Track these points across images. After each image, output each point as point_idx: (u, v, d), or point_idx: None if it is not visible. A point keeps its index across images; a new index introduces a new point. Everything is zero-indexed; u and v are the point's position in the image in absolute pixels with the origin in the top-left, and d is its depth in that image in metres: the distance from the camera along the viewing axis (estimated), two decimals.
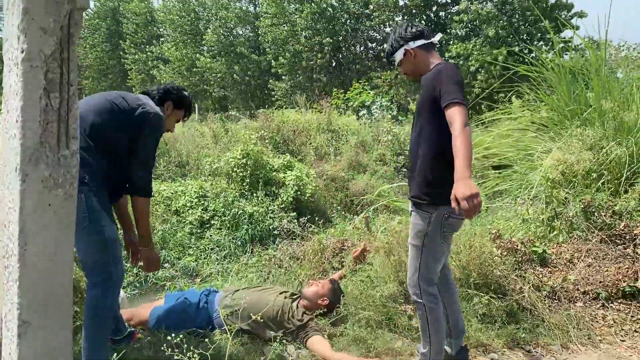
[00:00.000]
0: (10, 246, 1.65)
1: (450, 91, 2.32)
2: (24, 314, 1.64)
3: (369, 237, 4.32)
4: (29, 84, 1.48)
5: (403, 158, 9.11)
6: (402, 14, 20.82)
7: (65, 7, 1.50)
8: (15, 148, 1.55)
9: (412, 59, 2.65)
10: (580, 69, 6.03)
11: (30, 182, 1.56)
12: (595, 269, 3.73)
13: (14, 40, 1.51)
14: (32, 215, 1.58)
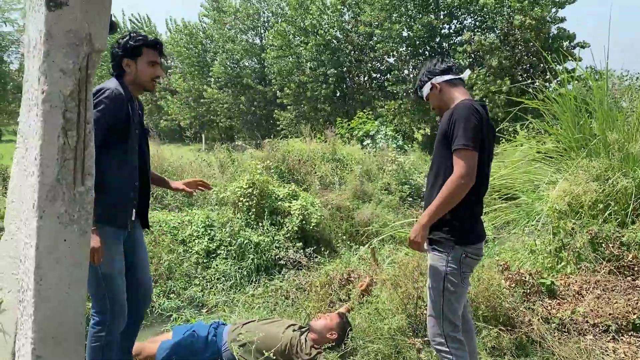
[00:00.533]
0: (26, 281, 1.68)
1: (459, 135, 2.34)
2: (37, 349, 1.65)
3: (376, 269, 4.32)
4: (48, 123, 1.53)
5: (408, 187, 9.13)
6: (406, 45, 21.09)
7: (84, 49, 1.57)
8: (33, 185, 1.60)
9: (437, 93, 2.65)
10: (583, 99, 6.10)
11: (47, 218, 1.59)
12: (604, 300, 3.71)
13: (35, 81, 1.56)
14: (48, 251, 1.61)
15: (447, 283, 2.46)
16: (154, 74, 2.59)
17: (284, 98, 24.16)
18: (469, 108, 2.42)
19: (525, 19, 16.55)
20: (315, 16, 22.49)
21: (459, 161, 2.32)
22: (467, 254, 2.46)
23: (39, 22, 1.52)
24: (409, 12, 20.43)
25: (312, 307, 3.85)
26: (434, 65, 2.70)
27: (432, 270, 2.54)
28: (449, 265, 2.46)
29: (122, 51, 2.53)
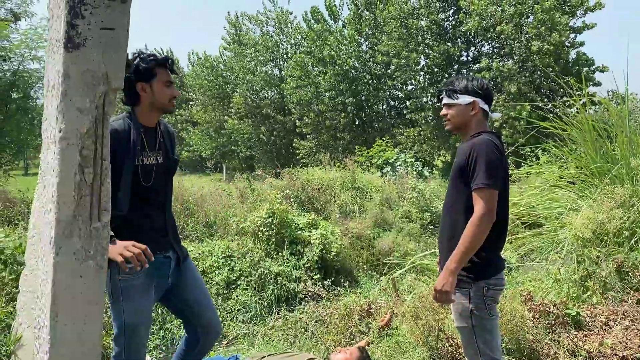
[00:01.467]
0: (42, 317, 1.69)
1: (480, 173, 2.27)
2: None
3: (397, 300, 4.26)
4: (65, 161, 1.57)
5: (429, 215, 9.04)
6: (424, 73, 21.22)
7: (101, 88, 1.61)
8: (50, 222, 1.62)
9: (469, 113, 2.50)
10: (604, 124, 6.01)
11: (63, 254, 1.61)
12: (633, 332, 3.58)
13: (53, 120, 1.61)
14: (64, 287, 1.62)
15: (475, 319, 2.39)
16: (172, 94, 2.46)
17: (304, 127, 24.41)
18: (489, 144, 2.35)
19: (543, 45, 16.54)
20: (333, 47, 22.83)
21: (479, 201, 2.26)
22: (489, 287, 2.39)
23: (57, 63, 1.57)
24: (425, 41, 20.60)
25: (332, 340, 3.79)
26: (486, 88, 2.54)
27: (456, 309, 2.45)
28: (473, 300, 2.38)
29: (134, 75, 2.36)
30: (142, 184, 2.39)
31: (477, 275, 2.37)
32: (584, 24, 17.95)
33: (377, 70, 23.19)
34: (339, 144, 23.30)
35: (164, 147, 2.54)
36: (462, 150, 2.42)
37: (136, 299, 2.31)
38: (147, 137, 2.46)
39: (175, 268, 2.56)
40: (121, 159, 2.29)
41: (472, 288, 2.38)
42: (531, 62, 17.49)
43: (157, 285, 2.46)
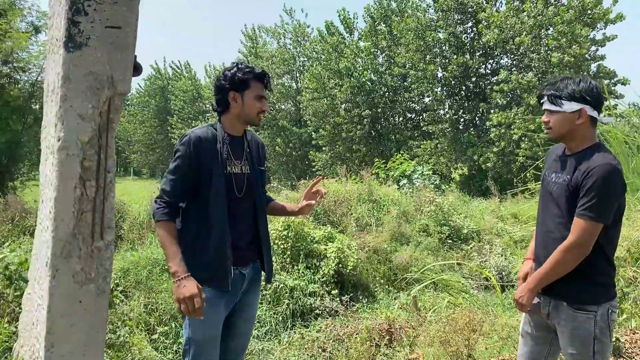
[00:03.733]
0: (37, 347, 1.52)
1: (593, 203, 2.07)
2: None
3: (419, 319, 4.05)
4: (63, 173, 1.41)
5: (448, 228, 8.83)
6: (441, 85, 21.03)
7: (106, 93, 1.45)
8: (47, 241, 1.46)
9: (575, 122, 2.23)
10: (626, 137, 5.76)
11: (61, 277, 1.45)
12: None
13: (52, 128, 1.45)
14: (61, 314, 1.46)
15: (597, 346, 2.16)
16: (261, 108, 2.44)
17: (319, 139, 24.31)
18: (616, 175, 2.10)
19: (564, 57, 16.26)
20: (349, 59, 22.77)
21: (579, 229, 2.08)
22: (612, 309, 2.18)
23: (57, 65, 1.42)
24: (443, 53, 20.43)
25: None
26: (595, 90, 2.25)
27: (575, 335, 2.20)
28: (598, 324, 2.15)
29: (229, 84, 2.38)
30: (231, 195, 2.36)
31: (605, 296, 2.18)
32: (605, 36, 17.65)
33: (394, 82, 23.06)
34: (354, 156, 23.16)
35: (251, 158, 2.51)
36: (579, 169, 2.18)
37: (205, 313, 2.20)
38: (233, 146, 2.44)
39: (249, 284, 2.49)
40: (208, 168, 2.29)
41: (599, 311, 2.16)
42: (551, 75, 17.21)
43: (227, 301, 2.37)
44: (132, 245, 6.69)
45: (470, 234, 9.04)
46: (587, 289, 2.17)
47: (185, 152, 2.27)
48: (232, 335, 2.47)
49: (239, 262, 2.40)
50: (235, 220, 2.39)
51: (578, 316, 2.17)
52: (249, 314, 2.56)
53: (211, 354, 2.30)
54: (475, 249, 7.82)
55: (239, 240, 2.41)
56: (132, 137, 43.55)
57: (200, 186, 2.31)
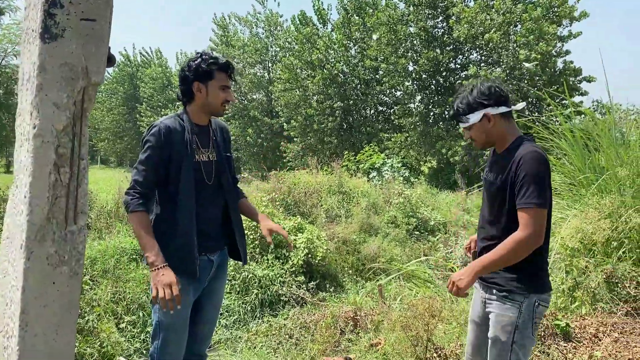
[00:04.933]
0: (11, 326, 1.58)
1: (530, 191, 2.12)
2: None
3: (383, 307, 4.19)
4: (39, 159, 1.46)
5: (415, 220, 9.02)
6: (412, 79, 21.27)
7: (80, 83, 1.50)
8: (21, 225, 1.51)
9: (488, 126, 2.31)
10: (590, 134, 6.01)
11: (35, 259, 1.50)
12: (622, 344, 3.54)
13: (27, 115, 1.50)
14: (35, 295, 1.51)
15: (517, 336, 2.21)
16: (226, 98, 2.47)
17: (291, 130, 24.32)
18: (541, 160, 2.17)
19: (531, 54, 16.65)
20: (322, 51, 22.80)
21: (527, 221, 2.11)
22: (540, 302, 2.24)
23: (33, 55, 1.47)
24: (414, 47, 20.66)
25: (317, 349, 3.70)
26: (487, 90, 2.32)
27: (499, 321, 2.27)
28: (522, 315, 2.22)
29: (193, 75, 2.41)
30: (201, 182, 2.42)
31: (533, 288, 2.24)
32: (570, 32, 18.19)
33: (366, 75, 23.21)
34: (326, 148, 23.25)
35: (217, 145, 2.55)
36: (506, 162, 2.25)
37: None
38: (200, 135, 2.48)
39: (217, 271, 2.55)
40: (178, 158, 2.34)
41: (525, 302, 2.23)
42: (518, 71, 17.60)
43: (195, 287, 2.44)
44: (99, 234, 6.65)
45: (437, 226, 9.25)
46: (515, 279, 2.24)
47: (156, 143, 2.32)
48: (200, 320, 2.54)
49: (207, 249, 2.47)
50: (205, 207, 2.45)
51: (504, 304, 2.26)
52: (216, 299, 2.63)
53: (180, 337, 2.37)
54: (441, 240, 8.01)
55: (208, 227, 2.47)
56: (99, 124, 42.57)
57: (170, 176, 2.36)
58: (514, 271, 2.25)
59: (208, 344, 2.72)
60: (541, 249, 2.19)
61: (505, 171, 2.23)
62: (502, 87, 2.36)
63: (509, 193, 2.22)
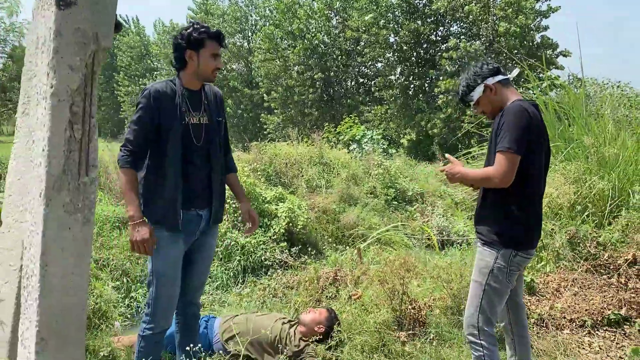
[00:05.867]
0: (31, 267, 1.75)
1: (504, 137, 2.37)
2: (42, 332, 1.73)
3: (362, 267, 4.43)
4: (55, 116, 1.62)
5: (394, 191, 9.25)
6: (393, 51, 21.34)
7: (91, 47, 1.65)
8: (40, 175, 1.67)
9: (492, 95, 2.60)
10: (563, 106, 6.28)
11: (53, 207, 1.67)
12: (581, 297, 3.86)
13: (43, 76, 1.65)
14: (53, 238, 1.69)
15: (492, 279, 2.50)
16: (215, 65, 2.62)
17: (271, 102, 24.27)
18: (519, 110, 2.42)
19: (510, 27, 16.86)
20: (302, 20, 22.67)
21: (498, 161, 2.37)
22: (517, 254, 2.50)
23: (49, 20, 1.61)
24: (396, 19, 20.69)
25: (301, 302, 3.94)
26: (480, 67, 2.64)
27: (478, 263, 2.57)
28: (497, 262, 2.49)
29: (185, 43, 2.55)
30: (190, 144, 2.58)
31: (509, 241, 2.49)
32: (549, 7, 18.39)
33: (347, 46, 23.19)
34: (307, 120, 23.32)
35: (209, 109, 2.70)
36: (497, 118, 2.53)
37: (164, 248, 2.51)
38: (192, 99, 2.63)
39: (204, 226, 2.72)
40: (167, 119, 2.49)
41: (501, 251, 2.49)
42: (497, 44, 17.82)
43: (185, 239, 2.63)
44: None
45: (415, 196, 9.49)
46: (494, 233, 2.51)
47: (146, 104, 2.49)
48: (192, 271, 2.74)
49: (196, 204, 2.65)
50: (194, 166, 2.63)
51: (483, 250, 2.56)
52: (207, 253, 2.83)
53: (173, 284, 2.57)
54: (418, 210, 8.26)
55: (197, 185, 2.65)
56: None
57: (160, 136, 2.53)
58: (495, 223, 2.53)
59: (201, 293, 2.93)
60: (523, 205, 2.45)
61: (495, 126, 2.51)
62: (490, 62, 2.70)
63: (495, 142, 2.49)
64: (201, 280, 2.84)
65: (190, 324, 2.82)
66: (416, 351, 3.27)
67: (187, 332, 2.80)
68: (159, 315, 2.54)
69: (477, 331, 2.53)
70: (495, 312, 2.56)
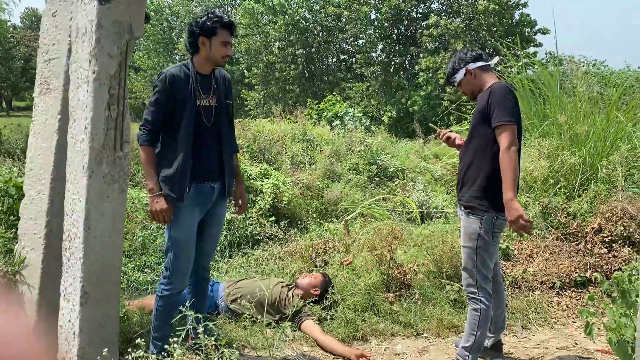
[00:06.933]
0: (74, 230, 1.99)
1: (499, 113, 2.66)
2: (85, 286, 1.98)
3: (349, 238, 4.73)
4: (97, 98, 1.84)
5: (376, 167, 9.53)
6: (374, 28, 21.48)
7: (126, 37, 1.88)
8: (83, 150, 1.90)
9: (472, 78, 2.91)
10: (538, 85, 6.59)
11: (95, 177, 1.91)
12: (551, 262, 4.22)
13: (85, 63, 1.87)
14: (95, 205, 1.93)
15: (480, 242, 2.79)
16: (226, 52, 2.80)
17: (252, 78, 24.24)
18: (506, 89, 2.75)
19: (489, 4, 17.12)
20: None
21: (503, 135, 2.64)
22: (499, 217, 2.76)
23: (90, 14, 1.82)
24: None
25: (298, 267, 4.23)
26: (465, 53, 2.94)
27: (466, 231, 2.85)
28: (482, 226, 2.77)
29: (199, 30, 2.72)
30: (201, 124, 2.79)
31: (491, 206, 2.77)
32: None
33: (328, 22, 23.21)
34: (288, 97, 23.39)
35: (218, 92, 2.91)
36: (482, 97, 2.81)
37: (181, 217, 2.72)
38: (203, 82, 2.83)
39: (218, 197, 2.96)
40: (181, 101, 2.68)
41: (484, 216, 2.78)
42: (477, 21, 18.10)
43: (200, 209, 2.86)
44: None
45: (396, 172, 9.75)
46: (477, 198, 2.81)
47: (163, 88, 2.71)
48: (205, 237, 3.00)
49: (209, 177, 2.88)
50: (205, 145, 2.86)
51: (469, 218, 2.86)
52: (218, 221, 3.09)
53: (188, 250, 2.82)
54: (399, 185, 8.55)
55: (208, 161, 2.87)
56: None
57: (174, 116, 2.77)
58: (476, 191, 2.82)
59: (211, 258, 3.19)
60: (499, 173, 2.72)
61: (479, 104, 2.81)
62: (475, 49, 3.01)
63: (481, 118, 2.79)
64: (212, 247, 3.10)
65: (201, 287, 3.09)
66: (402, 310, 3.60)
67: (198, 294, 3.07)
68: (176, 277, 2.79)
69: (476, 289, 2.85)
70: (489, 268, 2.87)
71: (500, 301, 3.10)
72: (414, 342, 3.39)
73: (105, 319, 2.05)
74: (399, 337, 3.42)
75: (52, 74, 2.40)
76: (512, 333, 3.53)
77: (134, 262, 5.14)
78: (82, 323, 1.98)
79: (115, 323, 2.13)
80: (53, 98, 2.36)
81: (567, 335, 3.49)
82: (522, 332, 3.55)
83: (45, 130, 2.47)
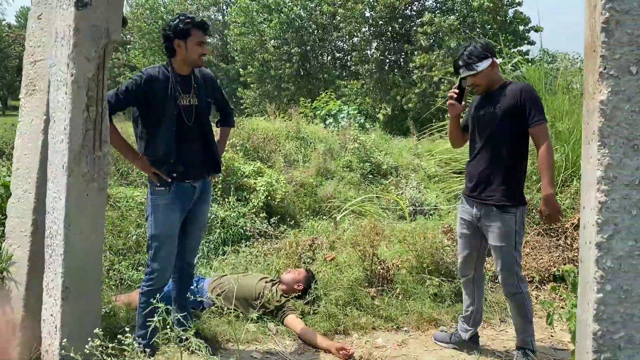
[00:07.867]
0: (55, 228, 2.07)
1: (538, 111, 2.75)
2: (66, 282, 2.06)
3: (337, 233, 4.82)
4: (75, 100, 1.92)
5: (369, 165, 9.59)
6: (369, 26, 21.53)
7: (103, 40, 1.95)
8: (62, 150, 1.98)
9: (492, 71, 2.91)
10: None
11: (74, 176, 1.99)
12: (532, 257, 4.32)
13: (63, 66, 1.94)
14: (75, 203, 2.01)
15: (518, 238, 2.86)
16: (202, 52, 2.88)
17: (247, 76, 24.28)
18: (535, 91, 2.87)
19: (483, 2, 17.18)
20: None
21: (543, 133, 2.75)
22: (525, 210, 2.91)
23: (68, 18, 1.90)
24: None
25: (283, 263, 4.31)
26: (487, 44, 2.99)
27: (502, 231, 2.84)
28: (517, 221, 2.84)
29: (173, 33, 2.80)
30: (182, 123, 2.87)
31: (521, 201, 2.88)
32: None
33: (323, 20, 23.26)
34: (283, 95, 23.44)
35: (199, 91, 2.98)
36: (512, 93, 2.84)
37: (162, 214, 2.81)
38: (182, 83, 2.91)
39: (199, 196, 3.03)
40: (159, 102, 2.77)
41: (517, 212, 2.86)
42: (471, 19, 18.16)
43: (181, 207, 2.93)
44: None
45: (389, 170, 9.82)
46: (509, 196, 2.85)
47: (135, 82, 2.77)
48: (187, 237, 3.07)
49: (191, 176, 2.96)
50: (187, 143, 2.93)
51: (504, 217, 2.87)
52: (200, 221, 3.17)
53: (170, 246, 2.89)
54: (393, 183, 8.62)
55: (190, 158, 2.95)
56: None
57: (153, 117, 2.84)
58: (507, 190, 2.87)
59: (195, 255, 3.27)
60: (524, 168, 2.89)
61: (506, 101, 2.84)
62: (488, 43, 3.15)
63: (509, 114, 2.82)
64: (196, 243, 3.18)
65: (185, 282, 3.17)
66: (384, 304, 3.69)
67: (182, 289, 3.15)
68: (158, 272, 2.86)
69: (517, 282, 2.91)
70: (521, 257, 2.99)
71: (480, 295, 3.18)
72: (394, 335, 3.48)
73: (86, 313, 2.13)
74: (380, 331, 3.51)
75: (37, 75, 2.47)
76: (490, 326, 3.63)
77: (128, 260, 5.17)
78: (63, 317, 2.06)
79: (97, 317, 2.21)
80: (39, 99, 2.43)
81: (544, 327, 3.58)
82: (500, 325, 3.65)
83: (31, 130, 2.54)
